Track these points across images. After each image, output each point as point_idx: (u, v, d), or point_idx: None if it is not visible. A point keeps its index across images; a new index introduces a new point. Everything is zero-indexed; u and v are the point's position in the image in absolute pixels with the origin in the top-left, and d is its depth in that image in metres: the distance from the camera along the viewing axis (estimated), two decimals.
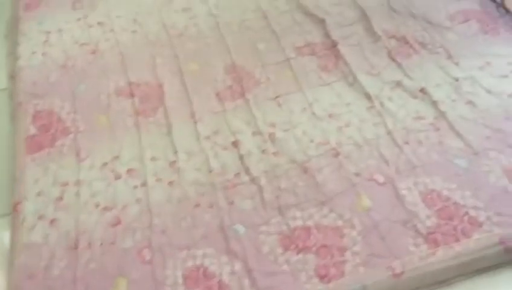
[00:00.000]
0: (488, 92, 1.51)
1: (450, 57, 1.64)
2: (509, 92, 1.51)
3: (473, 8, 1.80)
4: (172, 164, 1.39)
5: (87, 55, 1.69)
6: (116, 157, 1.41)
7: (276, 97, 1.55)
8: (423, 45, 1.69)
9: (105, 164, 1.39)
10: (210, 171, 1.35)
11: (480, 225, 1.20)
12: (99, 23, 1.80)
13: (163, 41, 1.74)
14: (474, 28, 1.73)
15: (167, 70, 1.63)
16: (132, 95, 1.56)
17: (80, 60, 1.68)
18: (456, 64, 1.61)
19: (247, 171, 1.35)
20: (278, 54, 1.68)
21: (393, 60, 1.65)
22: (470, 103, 1.50)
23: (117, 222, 1.27)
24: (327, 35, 1.73)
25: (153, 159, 1.40)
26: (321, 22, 1.77)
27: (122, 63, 1.65)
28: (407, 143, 1.39)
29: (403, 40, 1.71)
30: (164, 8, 1.86)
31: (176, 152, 1.41)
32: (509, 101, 1.48)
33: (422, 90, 1.53)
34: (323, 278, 1.14)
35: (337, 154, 1.38)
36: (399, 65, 1.63)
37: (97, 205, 1.31)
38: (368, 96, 1.53)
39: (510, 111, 1.45)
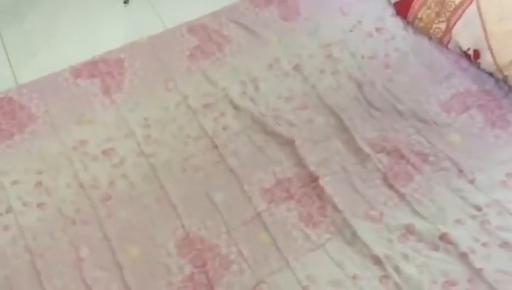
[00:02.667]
0: None
1: (461, 172, 1.28)
2: None
3: (469, 89, 1.45)
4: None
5: None
6: None
7: (258, 284, 1.14)
8: (423, 157, 1.32)
9: None
10: None
11: None
12: None
13: (84, 214, 1.26)
14: (478, 120, 1.38)
15: (98, 268, 1.17)
16: None
17: None
18: (472, 182, 1.26)
19: None
20: (243, 207, 1.26)
21: (392, 188, 1.27)
22: (505, 245, 1.16)
23: None
24: (301, 163, 1.31)
25: None
26: (289, 143, 1.36)
27: (33, 267, 1.17)
28: None
29: (397, 154, 1.33)
30: (76, 156, 1.36)
31: None
32: None
33: (443, 237, 1.16)
34: None
35: None
36: (402, 197, 1.25)
37: None
38: (377, 260, 1.14)
39: None
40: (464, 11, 1.48)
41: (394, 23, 1.63)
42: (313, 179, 1.28)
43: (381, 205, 1.24)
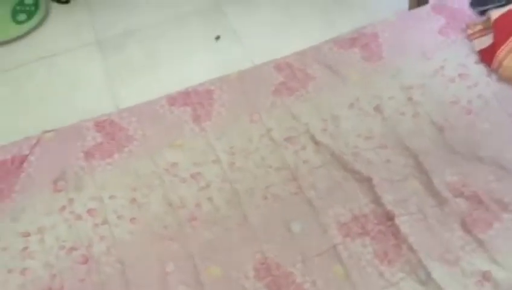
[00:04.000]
0: None
1: None
2: None
3: None
4: None
5: (77, 267, 1.32)
6: None
7: None
8: (502, 205, 1.32)
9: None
10: None
11: None
12: (89, 212, 1.44)
13: (171, 231, 1.36)
14: None
15: (182, 284, 1.26)
16: None
17: (68, 278, 1.29)
18: None
19: None
20: (319, 238, 1.31)
21: (470, 233, 1.28)
22: None
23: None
24: (378, 201, 1.36)
25: None
26: (366, 180, 1.41)
27: (123, 276, 1.29)
28: None
29: (475, 199, 1.34)
30: (167, 177, 1.48)
31: None
32: None
33: None
34: None
35: None
36: (480, 243, 1.25)
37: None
38: None
39: None
40: None
41: (477, 70, 1.64)
42: (389, 217, 1.32)
43: (458, 249, 1.25)
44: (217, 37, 2.08)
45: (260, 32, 2.09)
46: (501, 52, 1.61)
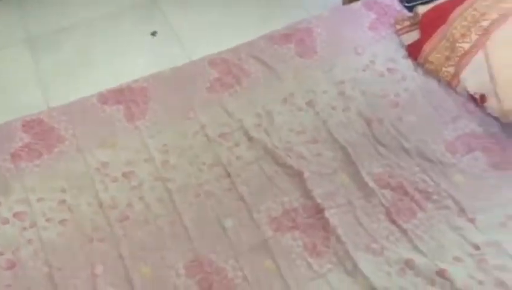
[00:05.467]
0: None
1: (462, 211, 1.32)
2: None
3: (474, 131, 1.50)
4: None
5: (2, 272, 1.28)
6: None
7: None
8: (427, 195, 1.37)
9: None
10: None
11: None
12: (16, 215, 1.39)
13: (102, 232, 1.34)
14: (482, 162, 1.43)
15: (111, 285, 1.25)
16: None
17: None
18: (472, 222, 1.31)
19: None
20: (251, 233, 1.32)
21: (395, 223, 1.32)
22: (501, 284, 1.19)
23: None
24: (308, 194, 1.38)
25: None
26: (298, 174, 1.43)
27: (51, 280, 1.26)
28: None
29: (401, 190, 1.38)
30: (98, 177, 1.45)
31: None
32: None
33: (440, 273, 1.21)
34: None
35: None
36: (404, 232, 1.30)
37: None
38: None
39: None
40: (472, 58, 1.54)
41: (405, 64, 1.70)
42: (319, 210, 1.35)
43: (383, 239, 1.30)
44: (153, 33, 2.06)
45: (197, 28, 2.08)
46: (427, 47, 1.66)
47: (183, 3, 2.16)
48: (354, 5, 1.91)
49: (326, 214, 1.33)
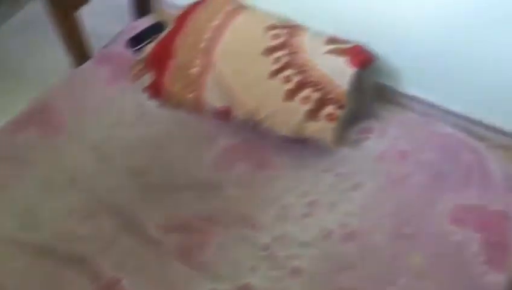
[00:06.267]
0: None
1: (244, 221, 1.38)
2: None
3: (235, 144, 1.57)
4: None
5: None
6: None
7: None
8: (211, 221, 1.39)
9: None
10: None
11: None
12: None
13: None
14: (244, 170, 1.51)
15: None
16: None
17: None
18: (254, 227, 1.37)
19: None
20: None
21: (190, 261, 1.32)
22: (297, 271, 1.26)
23: None
24: (97, 276, 1.29)
25: None
26: (80, 262, 1.32)
27: None
28: None
29: (187, 227, 1.38)
30: None
31: None
32: None
33: (243, 287, 1.23)
34: None
35: None
36: (198, 268, 1.30)
37: None
38: None
39: None
40: (206, 78, 1.61)
41: (152, 105, 1.70)
42: (111, 286, 1.27)
43: (181, 282, 1.28)
44: None
45: None
46: (165, 83, 1.69)
47: None
48: (86, 65, 1.86)
49: (119, 287, 1.27)
